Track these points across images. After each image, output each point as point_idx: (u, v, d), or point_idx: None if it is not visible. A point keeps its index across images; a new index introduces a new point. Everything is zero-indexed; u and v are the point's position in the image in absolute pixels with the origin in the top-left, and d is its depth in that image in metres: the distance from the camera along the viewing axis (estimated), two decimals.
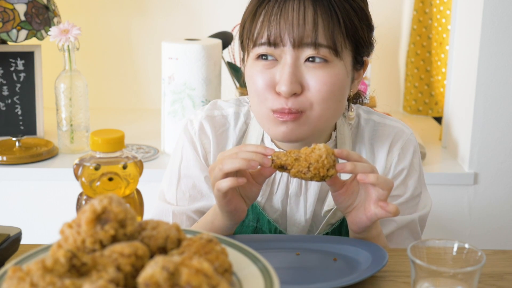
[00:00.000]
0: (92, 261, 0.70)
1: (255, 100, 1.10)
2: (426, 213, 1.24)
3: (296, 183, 1.19)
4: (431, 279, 0.86)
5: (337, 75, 1.07)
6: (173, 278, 0.66)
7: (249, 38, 1.09)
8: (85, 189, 0.99)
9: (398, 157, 1.20)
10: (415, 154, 1.22)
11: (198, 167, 1.22)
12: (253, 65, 1.09)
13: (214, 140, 1.21)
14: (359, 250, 1.06)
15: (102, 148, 0.97)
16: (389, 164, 1.20)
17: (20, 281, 0.66)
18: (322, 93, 1.06)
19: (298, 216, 1.20)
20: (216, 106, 1.24)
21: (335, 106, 1.09)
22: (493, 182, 1.96)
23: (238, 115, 1.23)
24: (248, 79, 1.11)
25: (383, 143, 1.20)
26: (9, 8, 1.96)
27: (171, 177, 1.25)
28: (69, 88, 1.97)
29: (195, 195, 1.22)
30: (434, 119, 2.47)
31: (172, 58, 1.93)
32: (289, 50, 1.05)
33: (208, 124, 1.21)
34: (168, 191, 1.25)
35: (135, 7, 2.46)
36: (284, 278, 0.97)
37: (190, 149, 1.22)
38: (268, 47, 1.06)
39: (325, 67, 1.06)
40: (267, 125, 1.10)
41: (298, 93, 1.05)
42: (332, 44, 1.05)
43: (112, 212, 0.74)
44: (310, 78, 1.06)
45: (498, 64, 1.88)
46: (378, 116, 1.24)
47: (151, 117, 2.37)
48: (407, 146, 1.21)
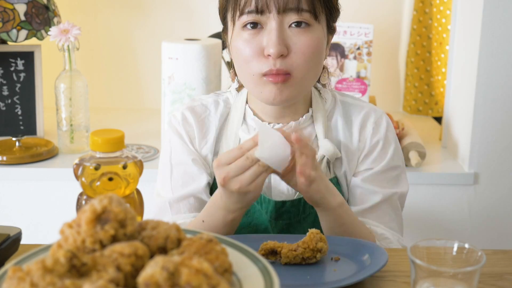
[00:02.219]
0: (92, 261, 0.70)
1: (243, 68, 1.19)
2: (405, 192, 1.29)
3: None
4: (431, 279, 0.86)
5: (318, 38, 1.17)
6: (173, 278, 0.66)
7: (234, 8, 1.17)
8: (85, 189, 0.99)
9: (372, 130, 1.27)
10: (388, 127, 1.29)
11: (185, 152, 1.27)
12: (240, 35, 1.18)
13: (197, 126, 1.28)
14: (359, 250, 1.07)
15: (102, 148, 0.98)
16: (364, 138, 1.27)
17: (20, 281, 0.66)
18: (306, 54, 1.16)
19: (281, 186, 1.24)
20: (195, 99, 1.33)
21: (316, 68, 1.20)
22: (493, 182, 1.96)
23: (218, 102, 1.31)
24: (235, 50, 1.20)
25: (356, 118, 1.28)
26: (9, 8, 1.96)
27: (163, 171, 1.29)
28: (69, 88, 1.97)
29: (187, 180, 1.26)
30: (434, 119, 2.47)
31: (172, 58, 1.93)
32: (275, 16, 1.14)
33: (189, 113, 1.29)
34: (163, 185, 1.29)
35: (135, 7, 2.46)
36: (284, 278, 0.97)
37: (176, 138, 1.28)
38: (255, 14, 1.15)
39: (307, 31, 1.16)
40: (257, 88, 1.18)
41: (284, 55, 1.15)
42: (312, 9, 1.15)
43: (112, 212, 0.74)
44: (295, 41, 1.15)
45: (498, 64, 1.88)
46: (351, 98, 1.33)
47: (151, 117, 2.37)
48: (380, 120, 1.29)
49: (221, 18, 1.25)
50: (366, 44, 2.14)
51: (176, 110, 1.32)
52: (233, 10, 1.17)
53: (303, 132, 1.24)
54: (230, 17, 1.19)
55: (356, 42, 2.14)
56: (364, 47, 2.15)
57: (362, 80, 2.16)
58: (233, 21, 1.18)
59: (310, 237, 1.03)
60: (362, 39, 2.14)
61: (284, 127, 1.24)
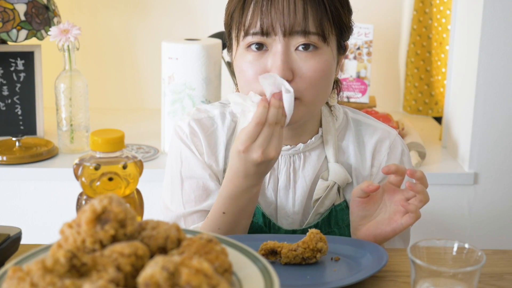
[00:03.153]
0: (92, 261, 0.70)
1: (245, 89, 1.13)
2: None
3: (285, 175, 1.21)
4: (431, 279, 0.86)
5: (326, 61, 1.11)
6: (173, 278, 0.66)
7: (239, 28, 1.12)
8: (85, 189, 0.99)
9: (387, 156, 1.23)
10: (403, 152, 1.25)
11: (200, 167, 1.22)
12: (244, 55, 1.12)
13: (205, 141, 1.23)
14: (359, 250, 1.06)
15: (102, 148, 0.98)
16: (379, 163, 1.23)
17: (20, 281, 0.66)
18: (313, 79, 1.10)
19: (288, 208, 1.22)
20: (201, 110, 1.27)
21: (325, 90, 1.14)
22: (493, 182, 1.96)
23: (224, 115, 1.25)
24: (238, 69, 1.14)
25: (369, 141, 1.24)
26: (9, 8, 1.96)
27: (172, 184, 1.25)
28: (69, 88, 1.97)
29: (201, 195, 1.22)
30: (434, 119, 2.47)
31: (172, 58, 1.93)
32: (280, 39, 1.09)
33: (196, 126, 1.24)
34: (172, 198, 1.25)
35: (135, 7, 2.46)
36: (284, 278, 0.97)
37: (186, 151, 1.23)
38: (260, 36, 1.09)
39: (315, 54, 1.10)
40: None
41: (289, 80, 1.08)
42: (320, 31, 1.09)
43: (112, 212, 0.74)
44: (301, 65, 1.10)
45: (498, 64, 1.88)
46: (363, 117, 1.28)
47: (151, 117, 2.37)
48: (395, 145, 1.24)
49: (226, 33, 1.20)
50: (366, 44, 2.14)
51: (181, 120, 1.25)
52: (238, 30, 1.12)
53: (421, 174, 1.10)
54: (234, 35, 1.15)
55: (356, 42, 2.14)
56: (364, 47, 2.15)
57: (362, 80, 2.16)
58: (237, 40, 1.14)
59: (310, 237, 1.03)
60: (362, 39, 2.14)
61: (292, 149, 1.20)
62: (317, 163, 1.21)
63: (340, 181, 1.21)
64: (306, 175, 1.21)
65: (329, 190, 1.20)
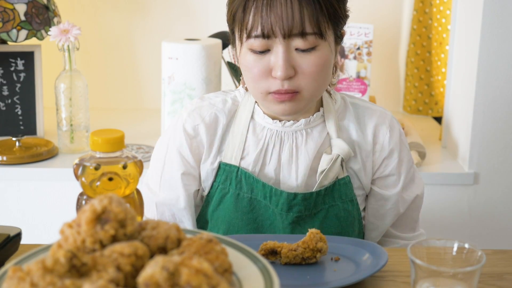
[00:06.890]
0: (92, 261, 0.70)
1: (252, 85, 1.21)
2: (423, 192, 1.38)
3: (288, 151, 1.25)
4: (431, 279, 0.86)
5: (325, 55, 1.18)
6: (173, 278, 0.66)
7: (241, 29, 1.18)
8: (85, 189, 0.99)
9: (389, 133, 1.29)
10: (401, 130, 1.32)
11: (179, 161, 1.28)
12: (247, 54, 1.19)
13: (205, 124, 1.28)
14: (359, 250, 1.07)
15: (102, 148, 0.97)
16: (381, 141, 1.29)
17: (20, 281, 0.66)
18: (313, 74, 1.18)
19: (291, 182, 1.26)
20: (204, 98, 1.33)
21: (324, 81, 1.21)
22: (493, 182, 1.96)
23: (226, 100, 1.30)
24: (243, 66, 1.21)
25: (370, 121, 1.29)
26: (9, 8, 1.96)
27: (156, 165, 1.32)
28: (69, 88, 1.97)
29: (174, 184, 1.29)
30: (434, 119, 2.47)
31: (172, 58, 1.93)
32: (281, 41, 1.15)
33: (198, 111, 1.29)
34: (152, 177, 1.32)
35: (135, 7, 2.46)
36: (284, 278, 0.97)
37: (177, 142, 1.28)
38: (262, 39, 1.16)
39: (314, 52, 1.17)
40: (266, 104, 1.22)
41: (292, 76, 1.16)
42: (317, 30, 1.15)
43: (112, 212, 0.74)
44: (301, 63, 1.17)
45: (498, 64, 1.88)
46: (360, 101, 1.34)
47: (151, 117, 2.37)
48: (393, 124, 1.31)
49: (229, 30, 1.25)
50: (366, 44, 2.14)
51: (188, 116, 1.29)
52: (240, 31, 1.19)
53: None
54: (237, 36, 1.20)
55: (356, 42, 2.14)
56: (364, 47, 2.15)
57: (362, 80, 2.16)
58: (240, 40, 1.20)
59: (310, 237, 1.03)
60: (362, 39, 2.14)
61: (294, 124, 1.25)
62: (319, 139, 1.26)
63: (344, 154, 1.25)
64: (309, 150, 1.25)
65: (333, 162, 1.24)
